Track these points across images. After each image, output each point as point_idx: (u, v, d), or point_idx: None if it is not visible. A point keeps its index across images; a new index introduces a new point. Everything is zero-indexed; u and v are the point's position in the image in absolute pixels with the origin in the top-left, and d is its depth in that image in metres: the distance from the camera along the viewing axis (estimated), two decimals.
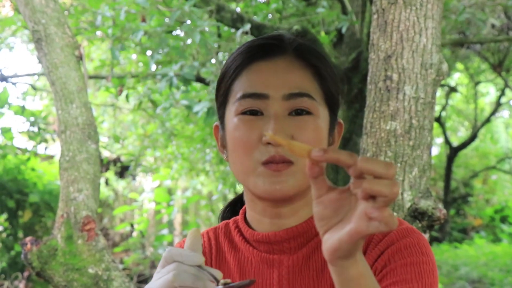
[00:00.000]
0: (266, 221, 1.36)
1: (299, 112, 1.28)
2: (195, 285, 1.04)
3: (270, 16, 5.73)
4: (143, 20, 4.92)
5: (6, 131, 7.98)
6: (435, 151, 15.94)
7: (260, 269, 1.35)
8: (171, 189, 10.86)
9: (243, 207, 1.45)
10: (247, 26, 4.61)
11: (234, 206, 1.59)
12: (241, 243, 1.40)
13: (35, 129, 8.08)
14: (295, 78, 1.29)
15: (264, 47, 1.33)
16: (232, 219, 1.47)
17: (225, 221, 1.48)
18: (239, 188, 1.59)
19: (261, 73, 1.30)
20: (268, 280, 1.34)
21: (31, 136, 8.13)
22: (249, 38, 4.83)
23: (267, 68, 1.30)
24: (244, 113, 1.29)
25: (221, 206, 11.62)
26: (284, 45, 1.33)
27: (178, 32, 5.59)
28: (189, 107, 4.54)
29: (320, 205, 0.95)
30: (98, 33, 5.67)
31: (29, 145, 8.52)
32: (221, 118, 1.38)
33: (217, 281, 1.07)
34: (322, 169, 0.95)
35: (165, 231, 9.90)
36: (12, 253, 7.49)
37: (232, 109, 1.31)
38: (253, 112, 1.28)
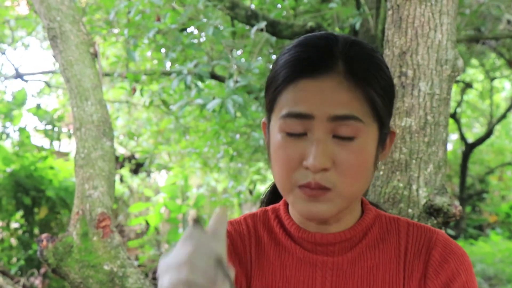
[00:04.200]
0: (311, 224, 1.34)
1: (344, 137, 1.23)
2: (206, 273, 1.00)
3: (284, 12, 5.73)
4: (158, 19, 4.93)
5: (22, 130, 8.02)
6: (450, 147, 15.86)
7: (302, 267, 1.33)
8: (182, 187, 10.85)
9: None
10: (263, 24, 4.60)
11: (275, 190, 1.54)
12: (281, 235, 1.37)
13: (50, 127, 8.13)
14: (342, 99, 1.22)
15: (312, 63, 1.25)
16: (271, 207, 1.44)
17: (263, 208, 1.45)
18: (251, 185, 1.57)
19: (307, 92, 1.23)
20: (311, 279, 1.33)
21: (47, 134, 8.17)
22: (264, 35, 4.83)
23: (314, 87, 1.23)
24: (288, 133, 1.25)
25: (235, 202, 11.65)
26: (334, 61, 1.25)
27: (192, 28, 5.60)
28: (203, 106, 4.54)
29: None
30: (115, 31, 5.68)
31: (45, 142, 8.57)
32: (268, 120, 1.34)
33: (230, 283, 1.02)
34: None
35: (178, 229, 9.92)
36: (28, 250, 7.52)
37: (276, 121, 1.27)
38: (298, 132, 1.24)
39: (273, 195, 1.55)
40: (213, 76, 5.83)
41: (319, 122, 1.22)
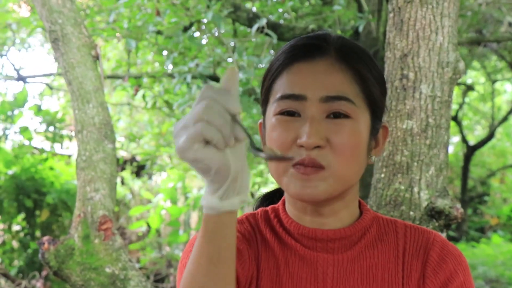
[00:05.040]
0: (307, 218, 1.35)
1: (337, 115, 1.26)
2: (221, 129, 1.00)
3: (286, 15, 5.73)
4: (158, 14, 4.94)
5: (24, 130, 8.02)
6: (451, 149, 15.84)
7: (304, 264, 1.34)
8: (176, 188, 10.83)
9: (283, 197, 1.44)
10: (263, 21, 4.61)
11: (272, 198, 1.56)
12: (282, 233, 1.38)
13: (52, 129, 8.13)
14: (334, 81, 1.27)
15: (306, 47, 1.32)
16: (270, 207, 1.45)
17: (263, 208, 1.46)
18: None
19: (301, 74, 1.29)
20: (312, 276, 1.34)
21: (48, 137, 8.17)
22: (264, 36, 4.83)
23: (307, 70, 1.29)
24: (281, 113, 1.28)
25: None
26: (326, 46, 1.31)
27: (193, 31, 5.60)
28: None
29: None
30: (117, 34, 5.69)
31: (45, 145, 8.56)
32: (263, 115, 1.38)
33: (252, 144, 1.05)
34: None
35: (180, 231, 9.92)
36: (30, 252, 7.52)
37: (271, 108, 1.31)
38: (291, 113, 1.28)
39: (265, 203, 1.56)
40: (215, 78, 5.83)
41: (312, 102, 1.26)
